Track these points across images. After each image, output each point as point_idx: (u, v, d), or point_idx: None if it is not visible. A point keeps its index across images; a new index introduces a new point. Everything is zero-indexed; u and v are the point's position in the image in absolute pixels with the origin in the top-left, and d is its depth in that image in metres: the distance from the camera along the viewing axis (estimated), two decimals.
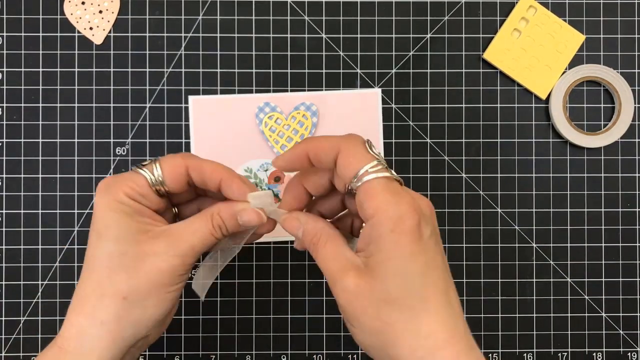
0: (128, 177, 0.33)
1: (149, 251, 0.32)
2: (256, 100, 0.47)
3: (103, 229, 0.32)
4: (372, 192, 0.30)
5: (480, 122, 0.47)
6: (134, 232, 0.32)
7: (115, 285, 0.31)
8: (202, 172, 0.34)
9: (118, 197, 0.32)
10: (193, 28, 0.47)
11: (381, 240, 0.29)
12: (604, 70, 0.47)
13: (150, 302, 0.32)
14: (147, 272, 0.31)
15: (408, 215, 0.29)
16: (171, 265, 0.32)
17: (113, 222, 0.32)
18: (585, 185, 0.47)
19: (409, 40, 0.47)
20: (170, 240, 0.32)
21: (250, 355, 0.46)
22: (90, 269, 0.32)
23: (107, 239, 0.32)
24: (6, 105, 0.47)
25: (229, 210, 0.34)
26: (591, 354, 0.47)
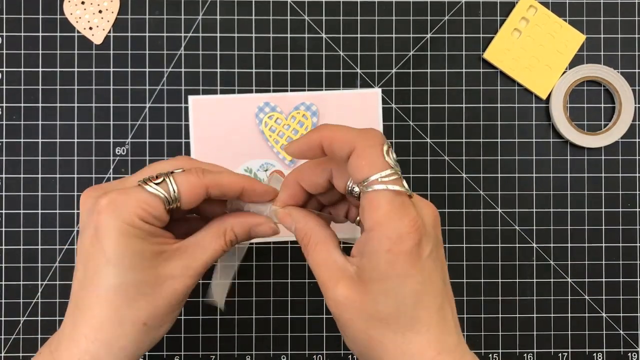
0: (139, 196, 0.30)
1: (166, 275, 0.31)
2: (256, 100, 0.47)
3: (115, 257, 0.29)
4: (375, 204, 0.28)
5: (480, 122, 0.47)
6: (149, 257, 0.30)
7: (136, 313, 0.30)
8: (221, 187, 0.32)
9: (130, 220, 0.30)
10: (193, 28, 0.47)
11: (376, 258, 0.28)
12: (604, 70, 0.47)
13: (165, 321, 0.32)
14: (165, 296, 0.31)
15: (408, 236, 0.28)
16: (187, 286, 0.32)
17: (127, 249, 0.30)
18: (586, 185, 0.47)
19: (409, 40, 0.47)
20: (184, 261, 0.32)
21: (250, 355, 0.46)
22: (103, 297, 0.30)
23: (122, 268, 0.30)
24: (6, 105, 0.47)
25: (243, 226, 0.34)
26: (591, 354, 0.47)
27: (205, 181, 0.32)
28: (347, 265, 0.30)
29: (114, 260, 0.29)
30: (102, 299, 0.30)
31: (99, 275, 0.30)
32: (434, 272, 0.29)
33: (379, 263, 0.28)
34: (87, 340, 0.30)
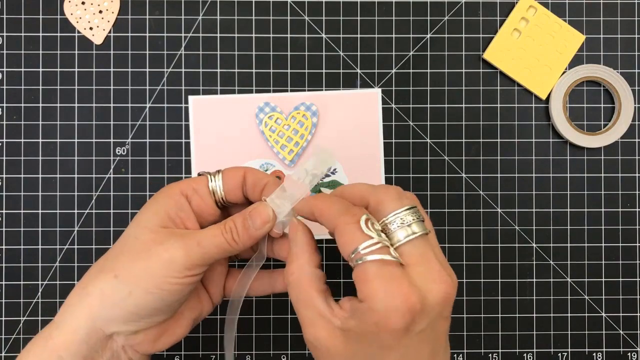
0: (190, 178, 0.35)
1: (159, 240, 0.31)
2: (256, 100, 0.47)
3: (137, 216, 0.33)
4: (364, 277, 0.28)
5: (480, 122, 0.47)
6: (158, 224, 0.32)
7: (114, 264, 0.31)
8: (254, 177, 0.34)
9: (170, 191, 0.34)
10: (193, 28, 0.47)
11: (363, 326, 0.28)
12: (603, 70, 0.47)
13: (138, 288, 0.31)
14: (147, 258, 0.31)
15: (396, 314, 0.27)
16: (171, 255, 0.31)
17: (148, 210, 0.33)
18: (585, 185, 0.47)
19: (409, 40, 0.47)
20: (181, 236, 0.32)
21: (250, 355, 0.46)
22: (106, 253, 0.33)
23: (134, 223, 0.33)
24: (6, 105, 0.47)
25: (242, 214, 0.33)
26: (591, 354, 0.47)
27: (243, 169, 0.35)
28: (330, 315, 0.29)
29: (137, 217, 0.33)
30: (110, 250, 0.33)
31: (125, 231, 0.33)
32: (420, 347, 0.28)
33: (366, 330, 0.28)
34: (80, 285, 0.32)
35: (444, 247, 0.47)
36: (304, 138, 0.46)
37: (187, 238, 0.32)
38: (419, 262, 0.29)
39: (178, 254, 0.31)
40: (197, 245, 0.32)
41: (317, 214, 0.31)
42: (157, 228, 0.32)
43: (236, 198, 0.35)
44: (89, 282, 0.32)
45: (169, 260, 0.31)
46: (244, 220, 0.33)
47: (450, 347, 0.47)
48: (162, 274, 0.31)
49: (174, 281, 0.31)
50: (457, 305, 0.47)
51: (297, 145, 0.46)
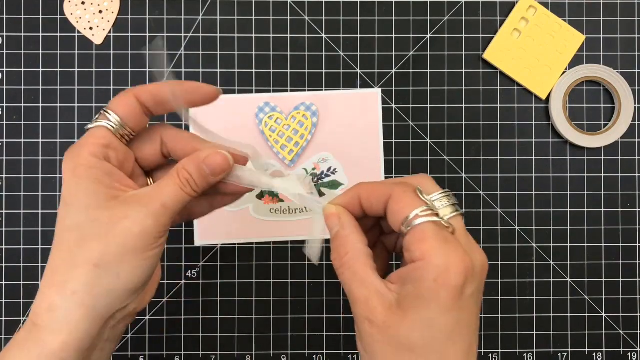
0: (87, 135, 0.31)
1: (120, 215, 0.30)
2: (256, 100, 0.47)
3: (70, 198, 0.30)
4: (422, 236, 0.29)
5: (480, 122, 0.47)
6: (103, 198, 0.30)
7: (87, 254, 0.30)
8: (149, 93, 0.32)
9: (83, 159, 0.31)
10: (193, 28, 0.47)
11: (421, 286, 0.28)
12: (603, 70, 0.47)
13: (123, 268, 0.30)
14: (119, 236, 0.30)
15: (455, 270, 0.28)
16: (143, 227, 0.30)
17: (80, 189, 0.30)
18: (585, 185, 0.47)
19: (409, 40, 0.47)
20: (140, 202, 0.31)
21: (250, 355, 0.46)
22: (60, 240, 0.31)
23: (76, 208, 0.30)
24: (6, 105, 0.47)
25: (193, 161, 0.32)
26: (591, 354, 0.47)
27: (132, 92, 0.32)
28: (385, 291, 0.30)
29: (68, 200, 0.30)
30: (57, 241, 0.31)
31: (58, 220, 0.31)
32: (471, 313, 0.29)
33: (424, 291, 0.28)
34: (45, 287, 0.30)
35: None
36: (304, 138, 0.46)
37: (150, 204, 0.31)
38: (461, 234, 0.31)
39: (148, 223, 0.30)
40: (163, 208, 0.31)
41: (364, 194, 0.31)
42: (108, 203, 0.30)
43: (139, 122, 0.33)
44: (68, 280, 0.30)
45: (142, 232, 0.30)
46: (199, 169, 0.32)
47: None
48: (141, 246, 0.30)
49: (153, 248, 0.31)
50: None
51: (297, 145, 0.46)
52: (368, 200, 0.31)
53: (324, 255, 0.46)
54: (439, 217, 0.30)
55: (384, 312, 0.29)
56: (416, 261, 0.29)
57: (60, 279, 0.30)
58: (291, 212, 0.46)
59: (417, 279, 0.28)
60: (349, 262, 0.31)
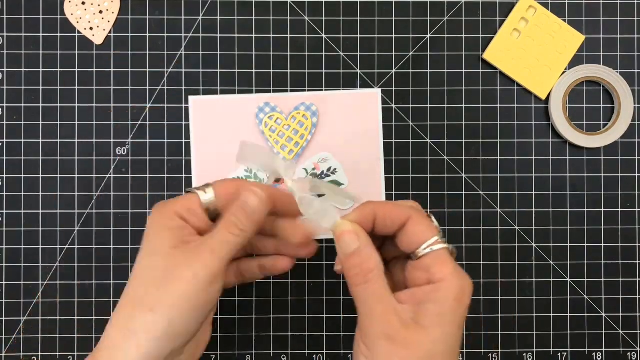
0: (181, 197, 0.35)
1: (175, 263, 0.32)
2: (256, 100, 0.47)
3: (144, 243, 0.33)
4: (443, 260, 0.32)
5: (480, 122, 0.47)
6: (169, 245, 0.32)
7: (144, 297, 0.31)
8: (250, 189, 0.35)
9: (165, 214, 0.34)
10: (193, 28, 0.47)
11: (444, 305, 0.31)
12: (603, 70, 0.47)
13: (175, 315, 0.31)
14: (174, 284, 0.31)
15: (468, 291, 0.32)
16: (194, 272, 0.32)
17: (153, 236, 0.33)
18: (585, 185, 0.47)
19: (409, 40, 0.48)
20: (195, 250, 0.33)
21: (250, 355, 0.46)
22: (128, 284, 0.33)
23: (145, 253, 0.33)
24: (6, 105, 0.47)
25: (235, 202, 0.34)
26: (591, 354, 0.47)
27: (236, 182, 0.35)
28: (401, 308, 0.32)
29: (142, 246, 0.33)
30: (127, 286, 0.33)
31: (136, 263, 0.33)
32: None
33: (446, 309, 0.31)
34: (110, 326, 0.32)
35: None
36: (304, 138, 0.46)
37: (199, 250, 0.32)
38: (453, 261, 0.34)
39: (198, 268, 0.32)
40: (212, 253, 0.32)
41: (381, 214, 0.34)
42: (170, 250, 0.32)
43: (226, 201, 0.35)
44: (129, 320, 0.32)
45: (192, 277, 0.32)
46: (242, 207, 0.34)
47: None
48: (192, 292, 0.32)
49: (204, 295, 0.32)
50: None
51: (297, 145, 0.46)
52: (384, 220, 0.34)
53: (323, 255, 0.47)
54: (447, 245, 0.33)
55: (402, 329, 0.31)
56: (436, 282, 0.31)
57: (122, 319, 0.32)
58: None
59: (438, 299, 0.31)
60: (373, 278, 0.32)
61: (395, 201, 0.34)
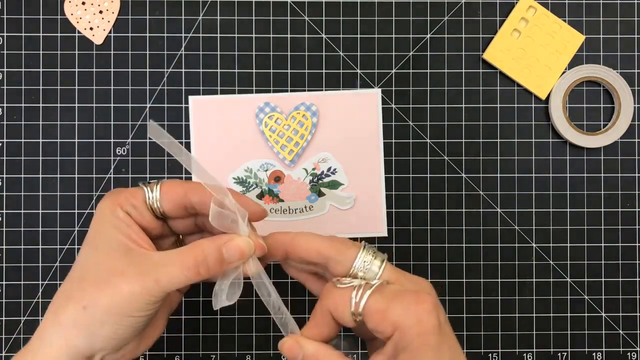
0: (129, 190, 0.34)
1: (119, 271, 0.31)
2: (256, 100, 0.47)
3: (90, 237, 0.33)
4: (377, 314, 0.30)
5: (480, 122, 0.47)
6: (115, 247, 0.32)
7: (80, 293, 0.31)
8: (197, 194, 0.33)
9: (112, 207, 0.33)
10: (193, 28, 0.47)
11: (411, 346, 0.29)
12: (603, 70, 0.47)
13: (108, 320, 0.31)
14: (110, 291, 0.30)
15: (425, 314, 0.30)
16: (130, 289, 0.30)
17: (100, 232, 0.32)
18: (585, 185, 0.47)
19: (409, 40, 0.48)
20: (140, 266, 0.31)
21: (250, 355, 0.46)
22: (69, 274, 0.33)
23: (90, 248, 0.32)
24: (6, 105, 0.47)
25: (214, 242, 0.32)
26: (591, 354, 0.47)
27: (187, 185, 0.34)
28: None
29: (88, 239, 0.33)
30: (67, 276, 0.33)
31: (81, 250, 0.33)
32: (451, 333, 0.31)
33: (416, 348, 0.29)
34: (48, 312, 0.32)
35: (443, 247, 0.47)
36: (304, 138, 0.46)
37: (144, 274, 0.31)
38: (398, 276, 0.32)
39: (137, 290, 0.30)
40: (156, 283, 0.31)
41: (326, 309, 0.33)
42: (115, 253, 0.31)
43: (177, 213, 0.34)
44: (60, 309, 0.31)
45: (129, 294, 0.30)
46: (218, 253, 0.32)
47: None
48: (127, 308, 0.31)
49: (139, 314, 0.31)
50: (457, 305, 0.47)
51: (297, 145, 0.46)
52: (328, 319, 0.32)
53: None
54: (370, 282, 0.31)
55: None
56: (391, 336, 0.30)
57: (54, 308, 0.32)
58: (291, 212, 0.46)
59: (404, 347, 0.30)
60: None
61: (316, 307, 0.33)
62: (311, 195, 0.47)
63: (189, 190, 0.33)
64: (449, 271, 0.47)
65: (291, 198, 0.46)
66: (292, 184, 0.47)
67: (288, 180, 0.47)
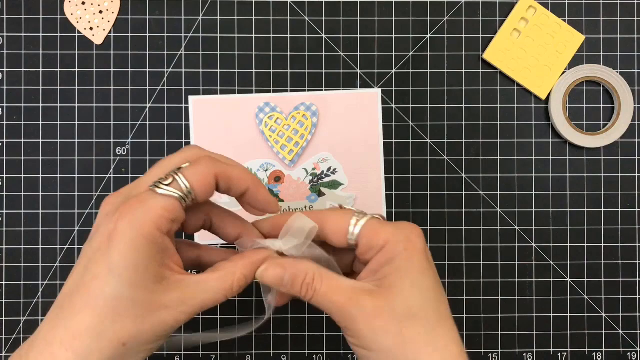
0: (155, 203, 0.29)
1: (161, 303, 0.29)
2: (256, 100, 0.47)
3: (120, 267, 0.28)
4: (374, 229, 0.32)
5: (480, 122, 0.47)
6: (151, 280, 0.29)
7: (118, 330, 0.29)
8: (229, 179, 0.31)
9: (148, 231, 0.29)
10: (193, 28, 0.47)
11: (396, 260, 0.31)
12: (603, 70, 0.47)
13: (146, 349, 0.30)
14: (154, 324, 0.29)
15: (415, 236, 0.31)
16: (177, 321, 0.30)
17: (133, 264, 0.28)
18: (585, 185, 0.47)
19: (409, 40, 0.48)
20: (183, 296, 0.30)
21: (250, 355, 0.46)
22: (88, 304, 0.29)
23: (122, 280, 0.28)
24: (6, 105, 0.47)
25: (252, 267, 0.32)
26: (591, 354, 0.47)
27: (215, 170, 0.31)
28: (360, 284, 0.32)
29: (117, 270, 0.28)
30: (90, 306, 0.29)
31: (96, 282, 0.29)
32: (436, 272, 0.32)
33: (401, 262, 0.31)
34: (62, 347, 0.28)
35: (443, 247, 0.47)
36: (304, 138, 0.46)
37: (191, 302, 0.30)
38: None
39: (183, 318, 0.30)
40: (201, 309, 0.31)
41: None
42: (154, 286, 0.29)
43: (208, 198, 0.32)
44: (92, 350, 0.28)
45: (174, 324, 0.30)
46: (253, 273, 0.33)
47: None
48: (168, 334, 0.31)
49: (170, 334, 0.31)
50: (457, 305, 0.47)
51: (297, 145, 0.46)
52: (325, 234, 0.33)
53: None
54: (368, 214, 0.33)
55: (371, 300, 0.30)
56: (382, 248, 0.31)
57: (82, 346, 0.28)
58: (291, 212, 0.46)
59: (389, 259, 0.31)
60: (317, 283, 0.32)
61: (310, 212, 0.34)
62: (311, 195, 0.47)
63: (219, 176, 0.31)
64: (449, 271, 0.47)
65: (291, 198, 0.46)
66: (292, 184, 0.47)
67: (288, 180, 0.47)
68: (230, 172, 0.31)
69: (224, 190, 0.32)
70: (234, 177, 0.31)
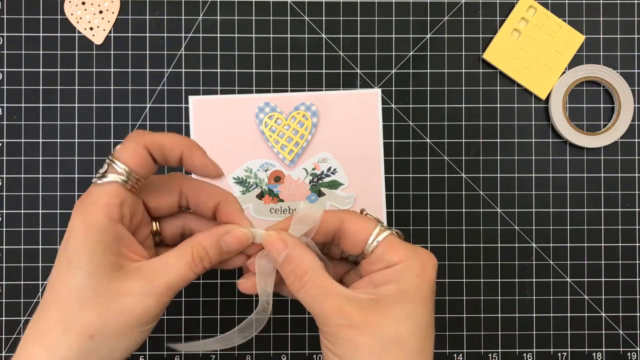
0: (99, 191, 0.30)
1: (123, 290, 0.29)
2: (256, 100, 0.47)
3: (76, 259, 0.29)
4: (393, 245, 0.32)
5: (480, 122, 0.47)
6: (109, 267, 0.29)
7: (83, 322, 0.29)
8: (160, 147, 0.31)
9: (97, 220, 0.29)
10: (193, 28, 0.47)
11: (404, 283, 0.31)
12: (603, 70, 0.47)
13: (118, 342, 0.29)
14: (119, 312, 0.29)
15: (430, 265, 0.31)
16: (145, 306, 0.29)
17: (88, 253, 0.29)
18: (585, 185, 0.47)
19: (409, 40, 0.48)
20: (145, 279, 0.30)
21: (250, 355, 0.46)
22: (55, 299, 0.29)
23: (80, 271, 0.29)
24: (6, 105, 0.47)
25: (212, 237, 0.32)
26: (591, 354, 0.47)
27: (143, 141, 0.30)
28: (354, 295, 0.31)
29: (74, 262, 0.29)
30: (56, 300, 0.29)
31: (59, 277, 0.29)
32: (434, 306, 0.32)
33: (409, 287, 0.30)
34: (34, 344, 0.29)
35: (443, 247, 0.47)
36: (304, 138, 0.46)
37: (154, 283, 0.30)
38: None
39: (150, 303, 0.30)
40: (168, 289, 0.30)
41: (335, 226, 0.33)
42: (113, 274, 0.29)
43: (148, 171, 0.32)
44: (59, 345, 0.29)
45: (143, 311, 0.30)
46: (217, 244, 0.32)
47: (450, 347, 0.47)
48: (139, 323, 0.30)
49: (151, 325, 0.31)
50: (457, 305, 0.47)
51: (297, 145, 0.46)
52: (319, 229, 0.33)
53: None
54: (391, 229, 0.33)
55: (360, 314, 0.30)
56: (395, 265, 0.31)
57: (51, 340, 0.29)
58: (291, 212, 0.46)
59: (397, 279, 0.31)
60: (311, 278, 0.31)
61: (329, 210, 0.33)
62: (311, 195, 0.47)
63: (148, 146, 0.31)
64: (449, 271, 0.47)
65: (291, 198, 0.47)
66: (292, 184, 0.47)
67: (288, 180, 0.47)
68: (160, 140, 0.31)
69: (161, 161, 0.32)
70: (165, 143, 0.31)
